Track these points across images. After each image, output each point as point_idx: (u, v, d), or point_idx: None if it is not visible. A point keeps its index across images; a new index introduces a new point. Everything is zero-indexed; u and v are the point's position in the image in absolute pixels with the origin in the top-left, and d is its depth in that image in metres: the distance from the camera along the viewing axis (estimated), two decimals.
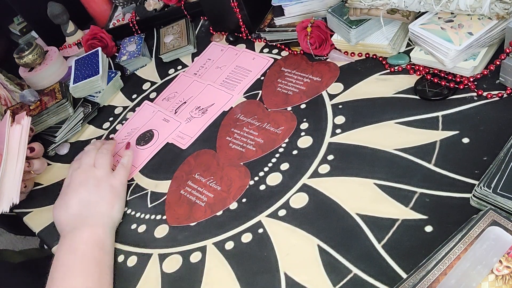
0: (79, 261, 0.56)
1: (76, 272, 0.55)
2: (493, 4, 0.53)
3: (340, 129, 0.61)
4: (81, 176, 0.64)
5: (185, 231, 0.60)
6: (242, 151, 0.66)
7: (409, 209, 0.50)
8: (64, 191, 0.65)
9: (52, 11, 0.95)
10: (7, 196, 0.66)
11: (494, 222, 0.42)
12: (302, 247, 0.52)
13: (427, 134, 0.55)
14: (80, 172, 0.65)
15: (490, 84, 0.57)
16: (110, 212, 0.62)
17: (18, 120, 0.71)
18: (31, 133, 0.74)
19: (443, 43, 0.56)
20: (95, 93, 0.87)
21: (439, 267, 0.40)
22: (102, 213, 0.62)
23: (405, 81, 0.62)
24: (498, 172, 0.45)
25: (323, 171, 0.58)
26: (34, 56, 0.90)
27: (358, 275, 0.47)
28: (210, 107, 0.75)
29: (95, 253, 0.57)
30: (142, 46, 0.93)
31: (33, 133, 0.76)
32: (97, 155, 0.67)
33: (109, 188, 0.64)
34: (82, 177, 0.64)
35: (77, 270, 0.55)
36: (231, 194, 0.61)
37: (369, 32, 0.67)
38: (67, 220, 0.61)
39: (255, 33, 0.82)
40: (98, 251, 0.58)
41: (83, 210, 0.61)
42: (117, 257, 0.61)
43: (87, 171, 0.65)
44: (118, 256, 0.61)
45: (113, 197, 0.64)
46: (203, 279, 0.54)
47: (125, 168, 0.68)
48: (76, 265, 0.55)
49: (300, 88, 0.70)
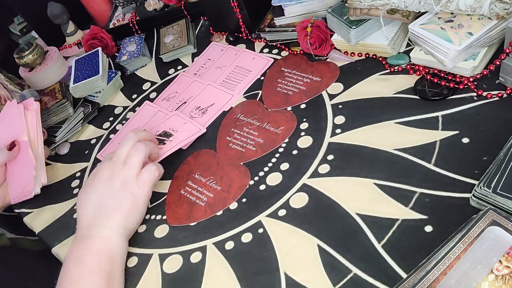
0: (87, 274, 0.54)
1: (84, 285, 0.53)
2: (493, 4, 0.53)
3: (340, 129, 0.61)
4: (107, 171, 0.61)
5: (185, 231, 0.60)
6: (242, 151, 0.66)
7: (409, 209, 0.50)
8: (89, 181, 0.62)
9: (52, 11, 0.95)
10: (38, 178, 0.69)
11: (494, 222, 0.42)
12: (302, 247, 0.52)
13: (427, 134, 0.55)
14: (107, 166, 0.61)
15: (490, 84, 0.57)
16: (125, 223, 0.59)
17: (27, 107, 0.73)
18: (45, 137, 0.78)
19: (443, 43, 0.56)
20: (95, 93, 0.87)
21: (439, 267, 0.41)
22: (117, 222, 0.58)
23: (405, 81, 0.63)
24: (498, 172, 0.45)
25: (323, 171, 0.58)
26: (34, 56, 0.90)
27: (358, 275, 0.47)
28: (210, 107, 0.75)
29: (104, 266, 0.55)
30: (142, 46, 0.93)
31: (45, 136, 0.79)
32: (132, 151, 0.61)
33: (130, 197, 0.59)
34: (107, 173, 0.60)
35: (85, 283, 0.54)
36: (231, 194, 0.61)
37: (369, 32, 0.67)
38: (84, 216, 0.60)
39: (255, 33, 0.82)
40: (108, 264, 0.56)
41: (99, 213, 0.59)
42: None
43: (115, 167, 0.60)
44: None
45: (132, 208, 0.59)
46: (203, 279, 0.54)
47: (152, 176, 0.61)
48: (84, 278, 0.54)
49: (300, 88, 0.70)
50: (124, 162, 0.61)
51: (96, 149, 0.80)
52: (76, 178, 0.76)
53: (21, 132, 0.71)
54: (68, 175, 0.77)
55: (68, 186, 0.75)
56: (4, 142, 0.71)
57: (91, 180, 0.62)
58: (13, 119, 0.73)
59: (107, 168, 0.61)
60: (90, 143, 0.82)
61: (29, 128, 0.72)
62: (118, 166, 0.61)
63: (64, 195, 0.74)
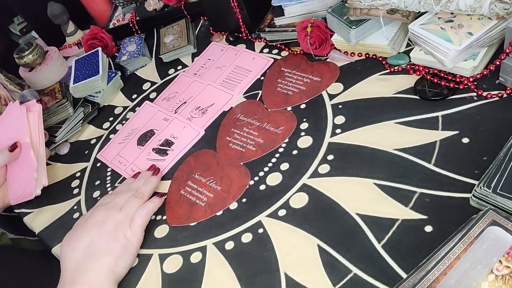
0: None
1: None
2: (493, 4, 0.53)
3: (340, 129, 0.61)
4: (101, 215, 0.60)
5: (185, 231, 0.60)
6: (242, 151, 0.66)
7: (409, 209, 0.50)
8: (80, 224, 0.61)
9: (52, 11, 0.95)
10: (39, 180, 0.70)
11: (494, 222, 0.42)
12: (302, 247, 0.52)
13: (427, 134, 0.55)
14: (103, 210, 0.61)
15: (490, 84, 0.57)
16: (114, 267, 0.56)
17: (29, 108, 0.74)
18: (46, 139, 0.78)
19: (443, 43, 0.56)
20: (95, 93, 0.87)
21: (439, 267, 0.41)
22: (105, 265, 0.56)
23: (405, 81, 0.63)
24: (498, 172, 0.45)
25: (323, 171, 0.58)
26: (34, 56, 0.90)
27: (358, 275, 0.47)
28: (210, 107, 0.75)
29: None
30: (142, 46, 0.93)
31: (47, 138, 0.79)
32: (131, 200, 0.62)
33: (122, 240, 0.58)
34: (102, 216, 0.60)
35: None
36: (231, 194, 0.61)
37: (369, 32, 0.67)
38: (71, 260, 0.57)
39: (255, 33, 0.82)
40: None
41: (87, 256, 0.57)
42: None
43: (110, 211, 0.60)
44: None
45: (122, 252, 0.57)
46: (203, 279, 0.54)
47: (143, 217, 0.61)
48: None
49: (300, 88, 0.70)
50: (120, 208, 0.61)
51: (96, 149, 0.80)
52: (76, 178, 0.76)
53: (23, 133, 0.71)
54: (68, 175, 0.77)
55: (68, 186, 0.75)
56: (6, 143, 0.71)
57: (82, 223, 0.60)
58: (15, 120, 0.73)
59: (102, 211, 0.61)
60: (90, 143, 0.82)
61: (31, 130, 0.72)
62: (114, 210, 0.60)
63: (64, 195, 0.74)
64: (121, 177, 0.72)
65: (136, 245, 0.59)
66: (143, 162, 0.72)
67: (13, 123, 0.73)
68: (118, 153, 0.76)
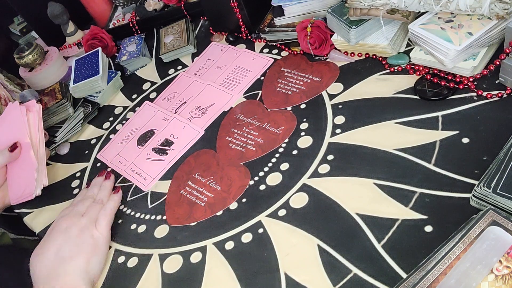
0: None
1: None
2: (493, 4, 0.53)
3: (340, 129, 0.61)
4: (65, 223, 0.61)
5: (185, 231, 0.60)
6: (242, 151, 0.66)
7: (409, 209, 0.50)
8: (45, 238, 0.61)
9: (52, 11, 0.95)
10: (39, 180, 0.70)
11: (494, 222, 0.42)
12: (302, 247, 0.52)
13: (427, 134, 0.55)
14: (65, 219, 0.62)
15: (490, 84, 0.57)
16: (87, 267, 0.57)
17: (29, 108, 0.74)
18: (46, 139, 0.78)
19: (443, 43, 0.56)
20: (95, 93, 0.87)
21: (439, 267, 0.41)
22: (78, 266, 0.56)
23: (405, 81, 0.63)
24: (498, 172, 0.45)
25: (323, 171, 0.58)
26: (34, 56, 0.90)
27: (358, 275, 0.47)
28: (210, 107, 0.75)
29: None
30: (142, 46, 0.93)
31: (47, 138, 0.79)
32: (91, 206, 0.64)
33: (89, 239, 0.59)
34: (65, 225, 0.61)
35: None
36: (231, 194, 0.61)
37: (369, 32, 0.67)
38: (42, 268, 0.57)
39: (255, 33, 0.82)
40: None
41: (59, 262, 0.57)
42: (117, 258, 0.61)
43: (73, 218, 0.61)
44: (119, 257, 0.61)
45: (92, 250, 0.58)
46: (203, 279, 0.54)
47: (107, 216, 0.63)
48: None
49: (300, 88, 0.70)
50: (83, 215, 0.62)
51: (96, 149, 0.80)
52: (76, 178, 0.76)
53: (23, 133, 0.71)
54: (68, 175, 0.78)
55: (68, 186, 0.75)
56: (6, 143, 0.71)
57: (47, 235, 0.61)
58: (15, 120, 0.73)
59: (65, 220, 0.62)
60: (90, 143, 0.82)
61: (31, 130, 0.72)
62: (76, 217, 0.62)
63: (64, 195, 0.74)
64: (121, 177, 0.72)
65: (105, 243, 0.61)
66: (143, 162, 0.72)
67: (13, 123, 0.73)
68: (118, 153, 0.76)
